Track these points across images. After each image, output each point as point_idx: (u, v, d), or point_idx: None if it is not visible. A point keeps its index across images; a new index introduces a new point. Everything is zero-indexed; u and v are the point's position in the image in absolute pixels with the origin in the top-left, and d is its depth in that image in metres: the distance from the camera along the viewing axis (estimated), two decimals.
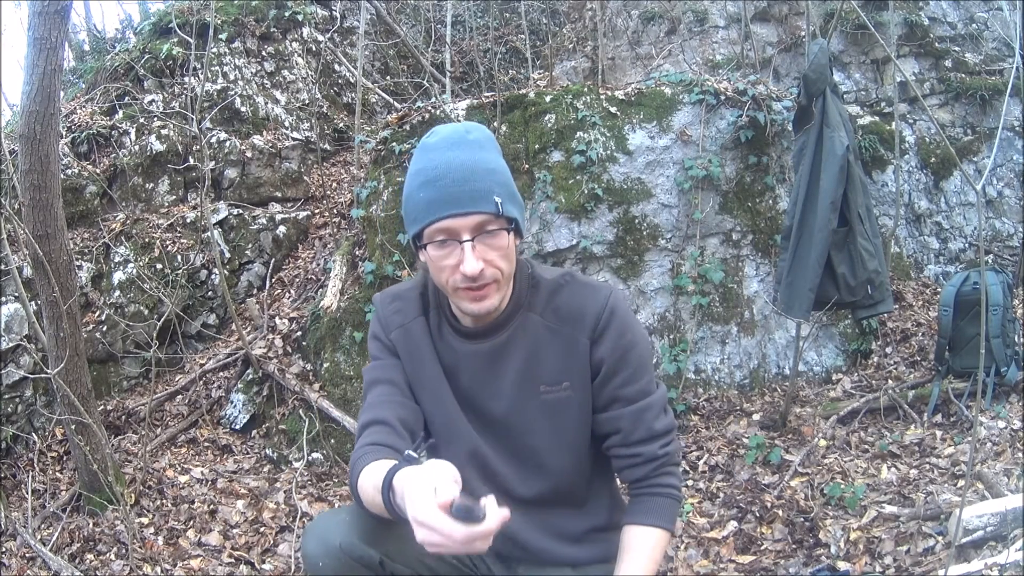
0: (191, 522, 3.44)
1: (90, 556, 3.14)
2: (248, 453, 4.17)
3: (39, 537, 3.22)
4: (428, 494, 1.00)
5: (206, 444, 4.19)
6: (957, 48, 5.99)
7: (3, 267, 3.89)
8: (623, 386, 1.46)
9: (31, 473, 3.66)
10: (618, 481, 1.64)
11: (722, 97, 4.53)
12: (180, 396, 4.51)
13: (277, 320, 4.74)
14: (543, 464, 1.51)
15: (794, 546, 2.95)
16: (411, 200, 1.37)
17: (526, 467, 1.51)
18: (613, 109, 4.52)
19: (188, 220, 5.09)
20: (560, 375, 1.46)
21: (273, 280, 5.22)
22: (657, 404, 1.49)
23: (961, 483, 3.03)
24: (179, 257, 4.90)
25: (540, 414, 1.48)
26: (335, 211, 5.64)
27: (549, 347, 1.46)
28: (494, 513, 0.99)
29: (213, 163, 5.32)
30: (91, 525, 3.28)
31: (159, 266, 4.79)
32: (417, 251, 1.41)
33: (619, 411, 1.47)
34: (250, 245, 5.27)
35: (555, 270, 1.52)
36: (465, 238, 1.32)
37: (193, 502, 3.58)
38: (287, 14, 6.47)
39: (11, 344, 3.95)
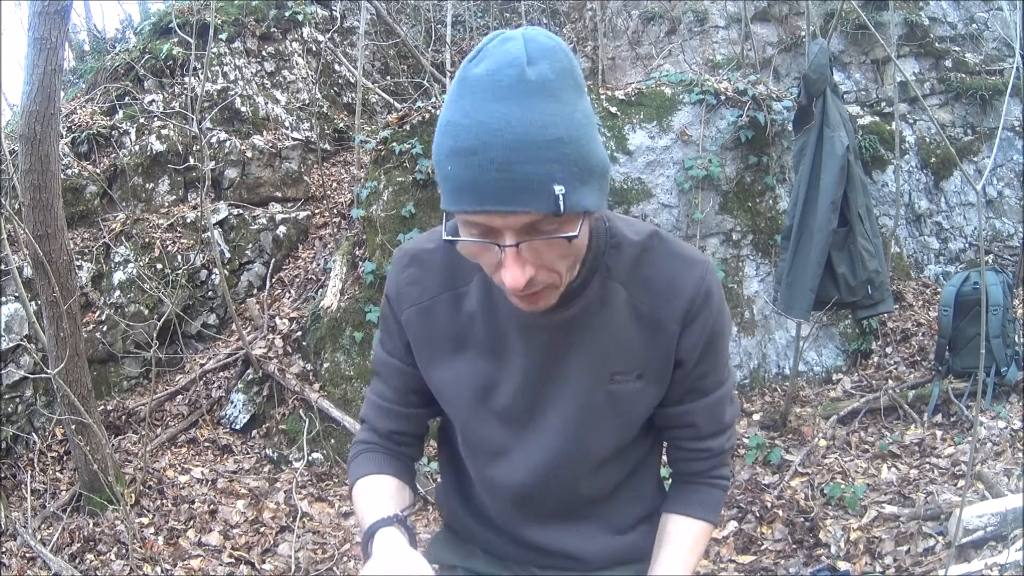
0: (191, 522, 3.44)
1: (90, 556, 3.14)
2: (248, 453, 4.17)
3: (39, 537, 3.21)
4: None
5: (206, 444, 4.19)
6: (957, 48, 5.98)
7: (3, 267, 3.89)
8: (703, 377, 1.22)
9: (31, 473, 3.66)
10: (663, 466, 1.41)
11: (722, 97, 4.53)
12: (180, 396, 4.51)
13: (277, 320, 4.74)
14: (593, 466, 1.26)
15: (794, 546, 2.95)
16: (438, 164, 0.96)
17: (570, 470, 1.26)
18: (613, 109, 4.51)
19: (188, 220, 5.08)
20: (637, 363, 1.18)
21: (273, 280, 5.22)
22: (729, 392, 1.29)
23: (961, 483, 3.03)
24: (179, 257, 4.90)
25: (607, 407, 1.20)
26: (335, 211, 5.64)
27: (631, 329, 1.16)
28: None
29: (213, 163, 5.32)
30: (91, 525, 3.28)
31: (159, 266, 4.79)
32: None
33: (693, 404, 1.25)
34: (250, 245, 5.27)
35: (637, 225, 1.18)
36: (508, 242, 0.95)
37: (193, 502, 3.58)
38: (287, 14, 6.47)
39: (11, 344, 3.95)
